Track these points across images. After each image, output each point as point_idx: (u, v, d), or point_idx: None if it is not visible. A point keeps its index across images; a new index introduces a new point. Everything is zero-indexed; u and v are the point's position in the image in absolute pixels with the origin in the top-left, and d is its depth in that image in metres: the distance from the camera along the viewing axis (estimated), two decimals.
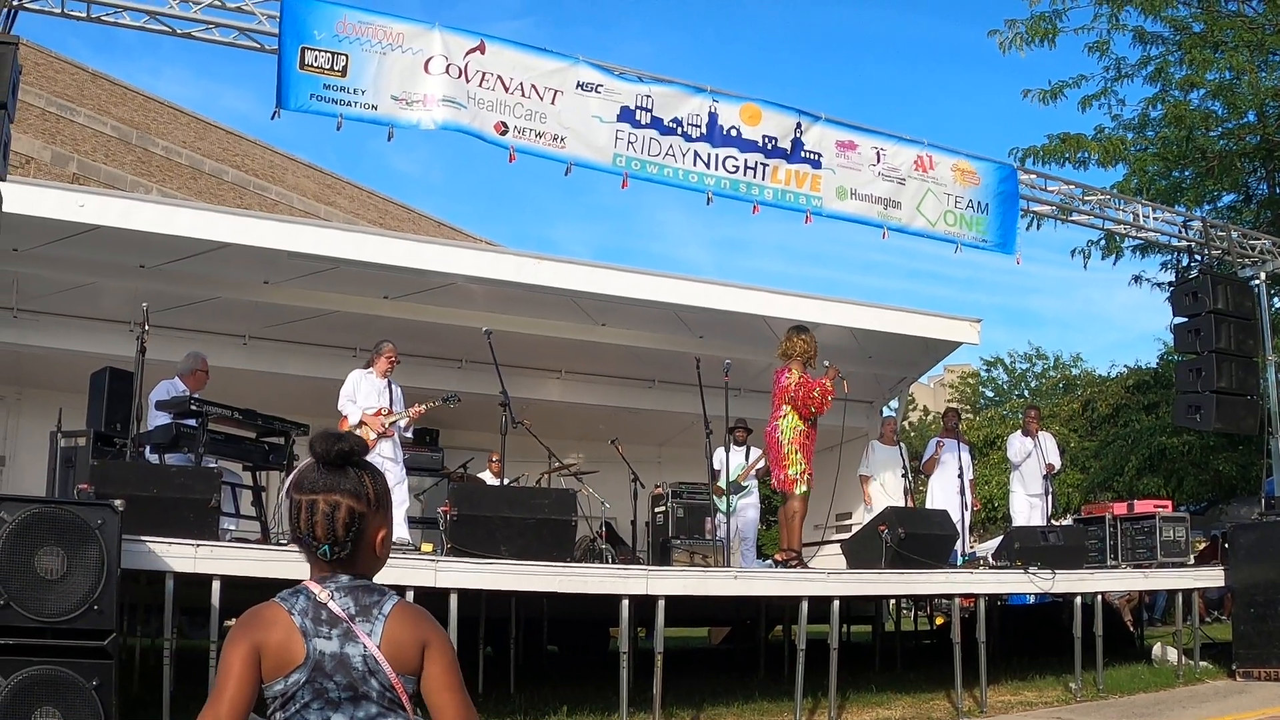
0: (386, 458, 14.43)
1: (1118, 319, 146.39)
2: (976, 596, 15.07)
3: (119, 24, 12.49)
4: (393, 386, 14.78)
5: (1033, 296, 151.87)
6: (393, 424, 14.49)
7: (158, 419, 13.41)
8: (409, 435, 15.41)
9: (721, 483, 16.54)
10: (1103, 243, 24.06)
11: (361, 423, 14.32)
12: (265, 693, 3.27)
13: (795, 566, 14.54)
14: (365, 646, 3.30)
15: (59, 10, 12.11)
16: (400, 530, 14.32)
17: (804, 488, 14.65)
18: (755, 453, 17.30)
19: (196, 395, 13.64)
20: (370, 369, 14.76)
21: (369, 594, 3.40)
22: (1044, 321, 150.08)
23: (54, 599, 8.87)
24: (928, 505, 18.49)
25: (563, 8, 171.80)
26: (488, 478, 17.60)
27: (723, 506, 16.56)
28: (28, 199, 13.38)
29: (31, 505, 9.14)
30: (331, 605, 3.32)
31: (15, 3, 11.64)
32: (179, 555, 10.52)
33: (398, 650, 3.38)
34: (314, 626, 3.28)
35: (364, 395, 14.47)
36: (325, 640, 3.27)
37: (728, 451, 16.03)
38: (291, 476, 3.43)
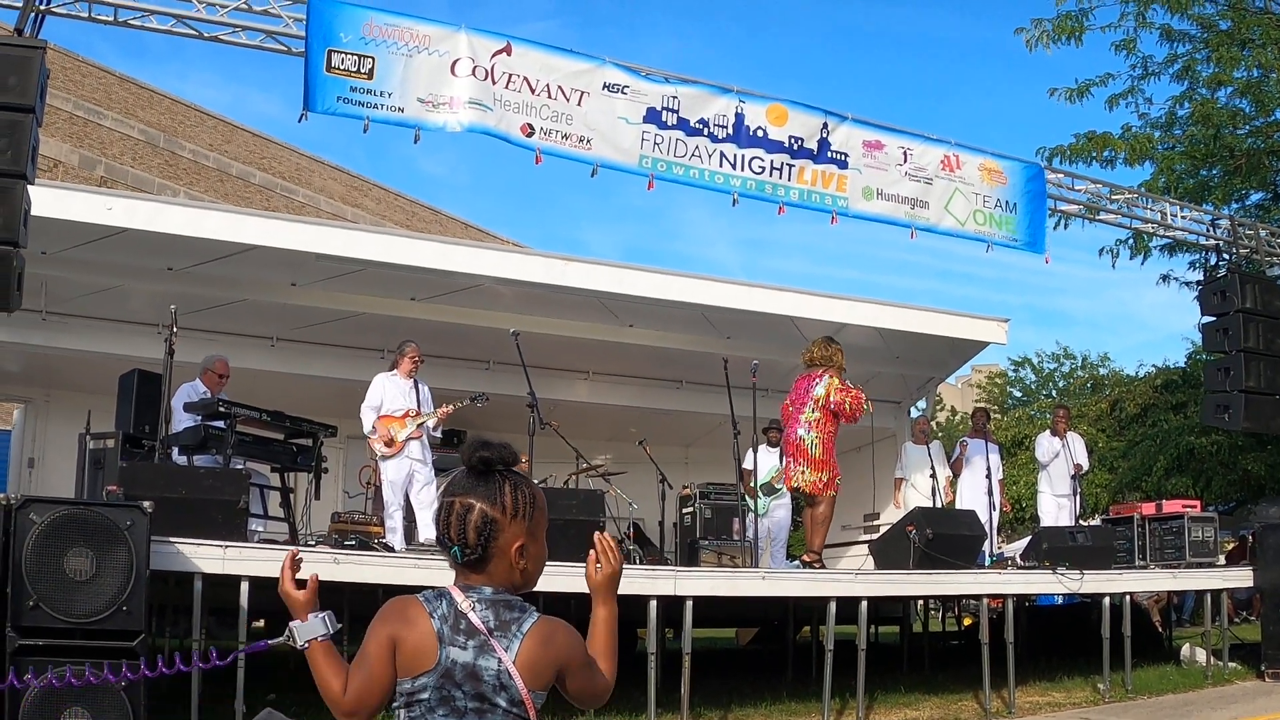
0: (415, 459, 14.40)
1: (1147, 319, 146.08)
2: (1005, 597, 15.04)
3: (146, 27, 12.52)
4: (420, 386, 14.72)
5: (1062, 296, 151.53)
6: (420, 425, 14.47)
7: (184, 421, 13.45)
8: (438, 436, 15.41)
9: (759, 481, 16.51)
10: (1131, 242, 23.99)
11: (374, 428, 14.28)
12: (396, 689, 3.36)
13: (819, 568, 14.55)
14: (500, 662, 3.34)
15: (86, 14, 12.15)
16: (427, 531, 14.30)
17: (833, 491, 14.69)
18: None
19: (223, 397, 13.66)
20: (394, 371, 14.72)
21: (509, 609, 3.50)
22: (1073, 321, 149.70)
23: (83, 600, 8.90)
24: (956, 506, 18.43)
25: (590, 9, 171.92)
26: None
27: (753, 506, 16.55)
28: (56, 202, 13.46)
29: (61, 507, 9.18)
30: (472, 616, 3.37)
31: (42, 7, 11.67)
32: (207, 556, 10.55)
33: (533, 668, 3.43)
34: (451, 634, 3.33)
35: (390, 399, 14.39)
36: (460, 650, 3.32)
37: (756, 452, 16.01)
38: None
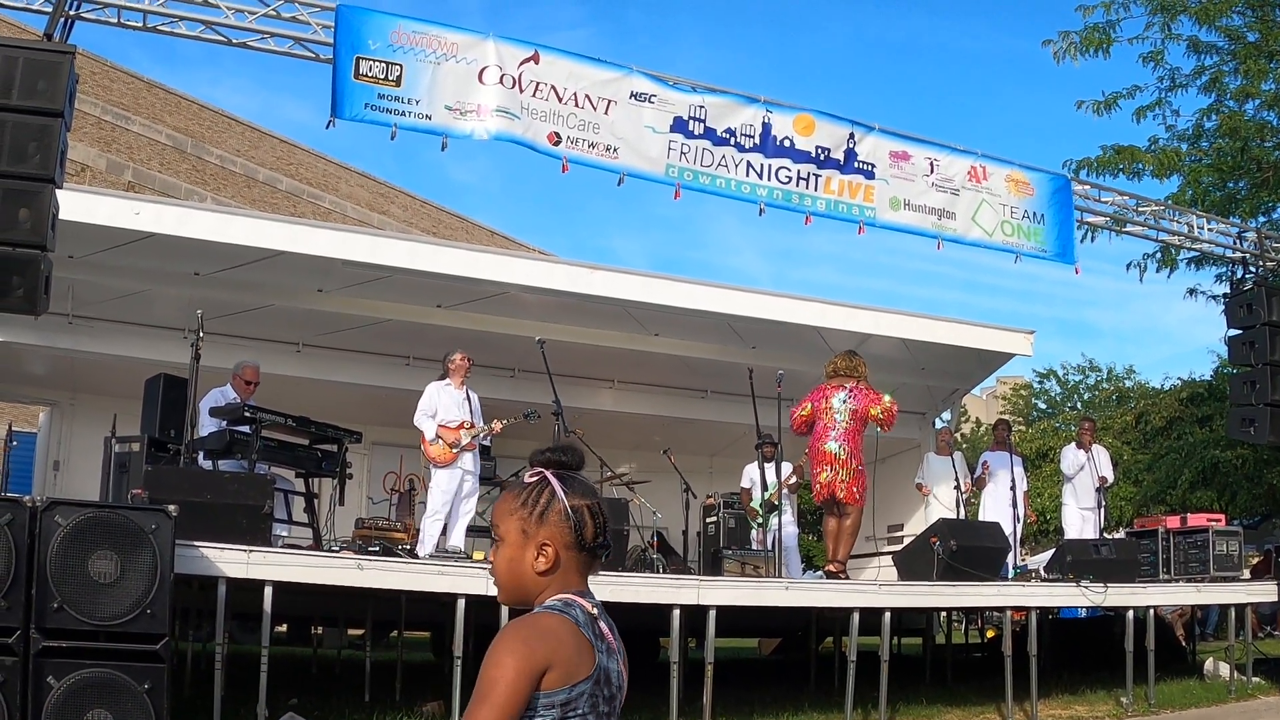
0: (467, 470, 14.55)
1: (1174, 332, 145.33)
2: (1028, 609, 15.02)
3: (174, 33, 12.59)
4: (471, 397, 14.79)
5: (1089, 309, 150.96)
6: (474, 438, 14.52)
7: (209, 426, 13.48)
8: (488, 444, 15.48)
9: (757, 500, 16.48)
10: (1158, 255, 23.90)
11: (437, 437, 14.33)
12: (540, 701, 3.19)
13: (843, 578, 14.56)
14: (620, 665, 3.38)
15: (115, 20, 12.20)
16: (455, 539, 14.34)
17: (864, 503, 14.77)
18: (786, 468, 17.21)
19: (250, 402, 13.71)
20: (447, 380, 14.74)
21: (607, 615, 3.43)
22: (1101, 334, 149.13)
23: (107, 602, 8.93)
24: (980, 517, 18.41)
25: (622, 19, 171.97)
26: None
27: (757, 525, 16.57)
28: (83, 206, 13.51)
29: (86, 510, 9.21)
30: (601, 623, 3.34)
31: (72, 12, 11.72)
32: (231, 561, 10.58)
33: (626, 667, 3.47)
34: (595, 640, 3.28)
35: (444, 408, 14.46)
36: (602, 655, 3.28)
37: (761, 468, 15.96)
38: (560, 487, 3.37)
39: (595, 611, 3.32)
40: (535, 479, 3.39)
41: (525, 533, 3.34)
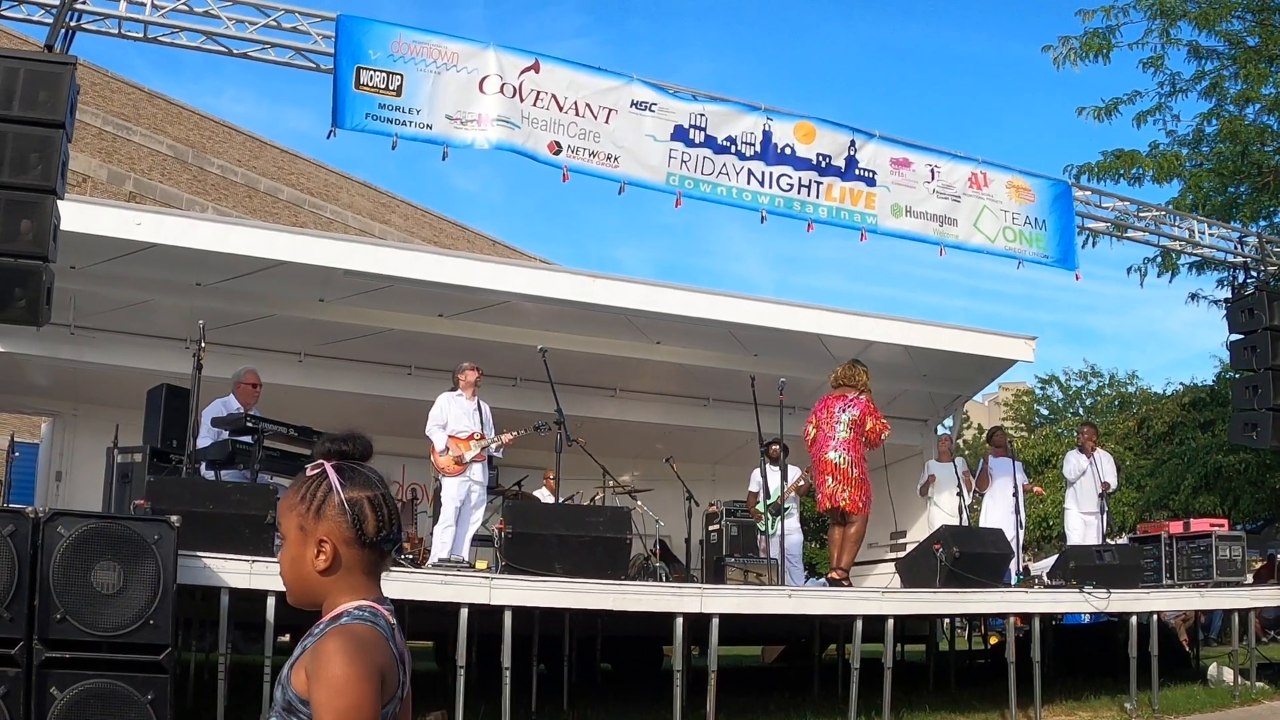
0: (476, 481, 14.58)
1: (1177, 336, 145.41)
2: (1031, 616, 15.01)
3: (175, 44, 12.60)
4: (483, 407, 14.83)
5: (1091, 314, 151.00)
6: (484, 449, 14.53)
7: (211, 436, 13.48)
8: (500, 455, 15.49)
9: (762, 504, 16.48)
10: (1159, 260, 23.89)
11: (447, 448, 14.35)
12: None
13: (846, 586, 14.55)
14: (406, 676, 3.18)
15: (115, 31, 12.23)
16: (461, 549, 14.35)
17: (868, 511, 14.77)
18: (794, 472, 17.21)
19: (253, 412, 13.70)
20: (458, 391, 14.77)
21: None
22: (1103, 339, 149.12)
23: (110, 613, 8.93)
24: (982, 524, 18.40)
25: (624, 28, 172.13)
26: (544, 495, 17.60)
27: (763, 528, 16.56)
28: (85, 217, 13.53)
29: (88, 520, 9.22)
30: (398, 634, 3.15)
31: (73, 23, 11.74)
32: (234, 571, 10.58)
33: None
34: (398, 654, 3.11)
35: (455, 419, 14.50)
36: (403, 670, 3.12)
37: (765, 471, 15.95)
38: (336, 479, 3.15)
39: (394, 620, 3.16)
40: (315, 472, 3.21)
41: (304, 529, 3.16)
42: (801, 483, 17.21)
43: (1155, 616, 15.79)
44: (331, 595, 3.14)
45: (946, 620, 20.26)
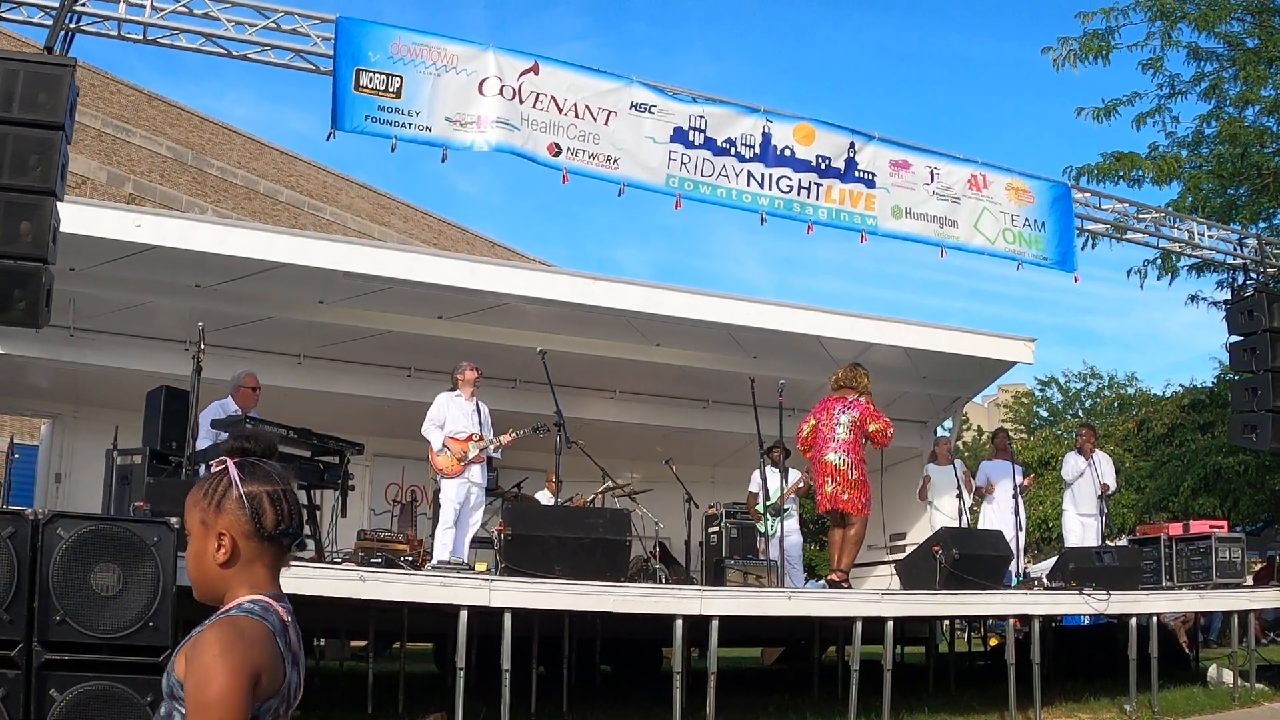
0: (475, 483, 14.55)
1: (1177, 338, 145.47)
2: (1031, 617, 15.01)
3: (175, 46, 12.60)
4: (481, 408, 14.80)
5: (1092, 316, 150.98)
6: (482, 450, 14.50)
7: (211, 438, 13.46)
8: (498, 456, 15.46)
9: (762, 505, 16.48)
10: (1159, 262, 23.87)
11: (445, 447, 14.33)
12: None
13: (845, 588, 14.56)
14: (300, 675, 3.20)
15: (115, 33, 12.23)
16: (460, 550, 14.33)
17: (868, 513, 14.78)
18: (794, 474, 17.22)
19: (252, 415, 13.70)
20: (457, 391, 14.75)
21: (296, 620, 3.27)
22: (1103, 341, 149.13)
23: (110, 615, 8.92)
24: (981, 526, 18.41)
25: (625, 30, 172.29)
26: (545, 497, 17.60)
27: (762, 529, 16.56)
28: (84, 219, 13.52)
29: (88, 522, 9.21)
30: (290, 632, 3.18)
31: (72, 25, 11.74)
32: None
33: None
34: (287, 652, 3.11)
35: (454, 419, 14.49)
36: (293, 668, 3.13)
37: (765, 473, 15.95)
38: (236, 474, 3.19)
39: (289, 618, 3.19)
40: (218, 469, 3.24)
41: (205, 524, 3.18)
42: (801, 484, 17.22)
43: (1155, 618, 15.79)
44: (231, 589, 3.16)
45: (946, 622, 20.25)
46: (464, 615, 11.55)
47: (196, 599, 3.24)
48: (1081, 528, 18.70)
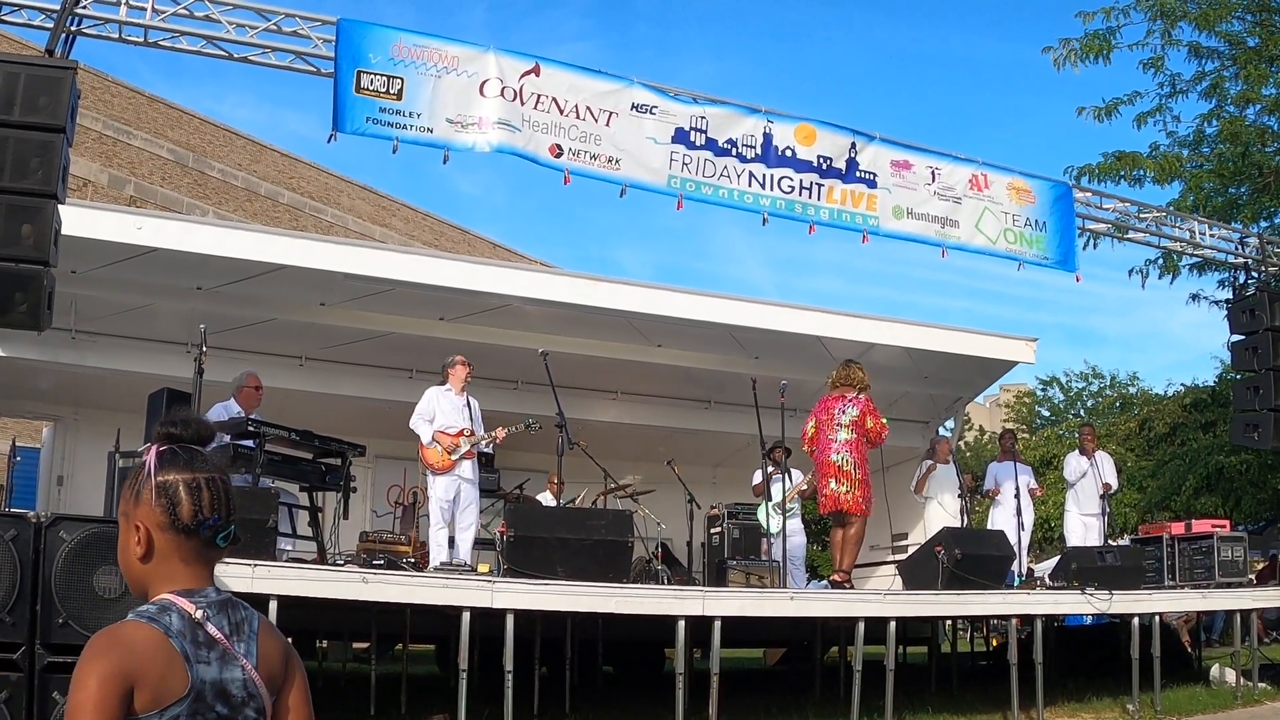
0: (466, 479, 14.41)
1: (1179, 337, 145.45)
2: (1033, 617, 15.00)
3: (176, 48, 12.62)
4: (472, 403, 14.72)
5: (1093, 315, 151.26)
6: (474, 445, 14.45)
7: (214, 440, 13.43)
8: (490, 450, 15.43)
9: (765, 506, 16.47)
10: (1160, 261, 23.86)
11: (435, 441, 14.29)
12: None
13: (847, 588, 14.55)
14: (244, 669, 2.99)
15: (116, 35, 12.23)
16: (463, 552, 14.29)
17: (869, 513, 14.78)
18: (797, 474, 17.21)
19: (254, 416, 13.69)
20: (447, 386, 14.68)
21: (236, 610, 3.09)
22: (1105, 340, 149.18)
23: (113, 618, 8.79)
24: (991, 527, 18.41)
25: (627, 31, 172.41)
26: (547, 498, 17.58)
27: (769, 528, 16.56)
28: (85, 221, 13.51)
29: (90, 525, 9.22)
30: (209, 627, 2.96)
31: (73, 28, 11.75)
32: (236, 575, 10.55)
33: (269, 668, 3.08)
34: (194, 650, 2.90)
35: (443, 414, 14.39)
36: (205, 666, 2.91)
37: (767, 473, 15.93)
38: (154, 460, 3.07)
39: (200, 614, 2.97)
40: (144, 457, 3.12)
41: (126, 515, 3.07)
42: (804, 487, 17.20)
43: (1157, 618, 15.79)
44: (152, 584, 3.04)
45: (948, 622, 20.24)
46: (466, 617, 11.55)
47: (132, 594, 3.10)
48: (1084, 527, 18.73)
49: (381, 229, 44.95)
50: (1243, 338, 18.44)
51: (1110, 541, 18.62)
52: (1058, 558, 17.93)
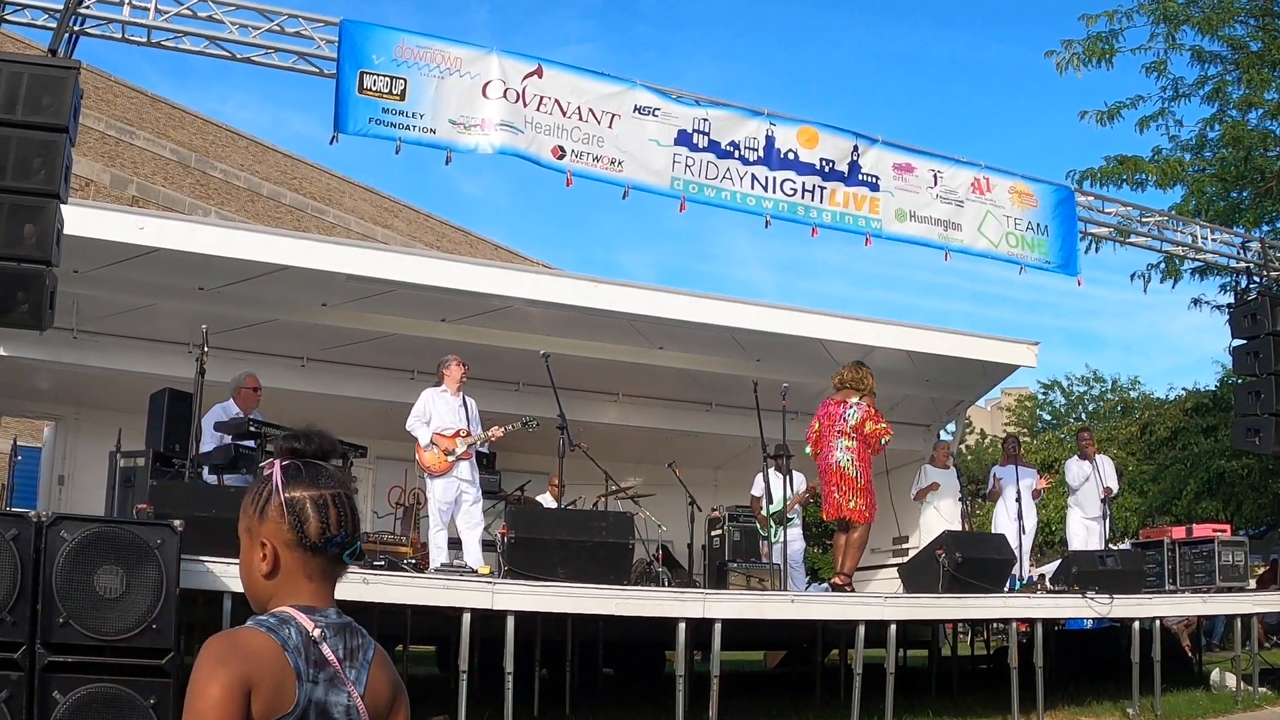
0: (464, 480, 14.36)
1: (1180, 341, 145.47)
2: (1034, 621, 15.00)
3: (179, 49, 12.62)
4: (468, 404, 14.67)
5: (1095, 319, 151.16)
6: (471, 445, 14.42)
7: (214, 440, 13.47)
8: (486, 450, 15.41)
9: (765, 511, 16.46)
10: (1162, 266, 23.85)
11: (432, 443, 14.27)
12: None
13: (848, 591, 14.55)
14: (350, 696, 2.97)
15: (119, 35, 12.23)
16: (471, 556, 14.25)
17: (872, 519, 14.77)
18: (799, 479, 17.20)
19: (254, 417, 13.70)
20: (443, 387, 14.63)
21: (354, 635, 3.10)
22: (1107, 344, 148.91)
23: (113, 617, 8.93)
24: (995, 530, 18.42)
25: (630, 33, 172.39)
26: (548, 500, 17.57)
27: (768, 534, 16.55)
28: (88, 221, 13.50)
29: (91, 524, 9.22)
30: (324, 647, 2.97)
31: (76, 28, 11.75)
32: (237, 575, 10.53)
33: (375, 700, 3.06)
34: (306, 668, 2.90)
35: (439, 415, 14.33)
36: (314, 685, 2.90)
37: (768, 476, 15.92)
38: (280, 476, 3.05)
39: (317, 632, 2.98)
40: (266, 472, 3.10)
41: (250, 531, 3.08)
42: (805, 493, 17.18)
43: (1158, 622, 15.78)
44: (275, 600, 3.05)
45: (949, 625, 20.24)
46: (467, 618, 11.55)
47: (253, 609, 3.09)
48: (1085, 531, 18.74)
49: (384, 230, 44.93)
50: (1244, 342, 18.45)
51: (1111, 545, 18.61)
52: (1058, 561, 17.93)
